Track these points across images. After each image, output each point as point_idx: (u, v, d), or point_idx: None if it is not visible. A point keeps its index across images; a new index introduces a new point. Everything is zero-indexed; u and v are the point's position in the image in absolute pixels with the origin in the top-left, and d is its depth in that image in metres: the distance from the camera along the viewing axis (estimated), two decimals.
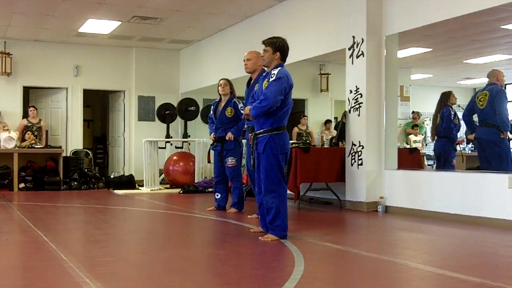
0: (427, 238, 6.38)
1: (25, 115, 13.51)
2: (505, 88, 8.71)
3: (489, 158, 8.50)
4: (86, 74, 14.43)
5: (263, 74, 5.94)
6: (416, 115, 14.94)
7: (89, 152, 14.74)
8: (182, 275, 4.28)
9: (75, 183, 12.71)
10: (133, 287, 3.94)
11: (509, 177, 6.76)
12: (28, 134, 12.84)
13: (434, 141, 10.01)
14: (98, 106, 17.03)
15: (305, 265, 4.45)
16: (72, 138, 14.37)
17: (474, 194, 7.14)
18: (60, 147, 13.27)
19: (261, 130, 5.72)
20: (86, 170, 13.35)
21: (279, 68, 5.66)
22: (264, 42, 5.83)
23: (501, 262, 4.97)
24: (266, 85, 5.63)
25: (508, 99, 8.86)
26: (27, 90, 14.26)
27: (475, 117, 8.99)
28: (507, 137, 8.78)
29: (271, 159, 5.65)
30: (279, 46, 5.76)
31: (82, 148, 14.45)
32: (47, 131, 13.54)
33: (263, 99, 5.54)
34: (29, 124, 13.11)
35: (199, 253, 5.43)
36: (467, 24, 9.77)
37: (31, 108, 13.34)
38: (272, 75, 5.59)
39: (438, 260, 5.08)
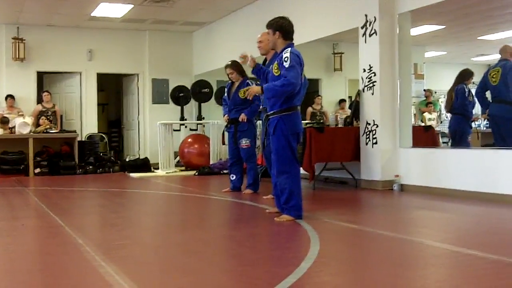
0: (443, 216, 6.36)
1: (39, 100, 13.57)
2: None
3: (503, 135, 8.45)
4: (100, 58, 14.46)
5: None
6: (428, 92, 14.83)
7: (104, 136, 14.80)
8: (198, 257, 4.30)
9: (91, 167, 12.77)
10: (149, 269, 3.96)
11: None
12: (43, 119, 12.90)
13: (449, 118, 9.95)
14: (112, 90, 17.06)
15: (320, 245, 4.46)
16: (87, 122, 14.43)
17: (490, 171, 7.10)
18: (74, 132, 13.33)
19: (272, 112, 5.71)
20: (101, 154, 13.42)
21: (289, 49, 5.61)
22: (266, 26, 5.81)
23: None
24: (276, 69, 5.60)
25: None
26: (41, 76, 14.31)
27: (488, 94, 8.92)
28: None
29: (282, 140, 5.63)
30: (277, 26, 5.71)
31: (97, 132, 14.51)
32: (61, 116, 13.60)
33: (287, 83, 5.44)
34: (43, 109, 13.17)
35: (215, 234, 5.45)
36: (480, 0, 9.66)
37: (45, 93, 13.39)
38: (286, 58, 5.53)
39: (454, 237, 5.07)
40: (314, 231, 5.05)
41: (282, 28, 5.71)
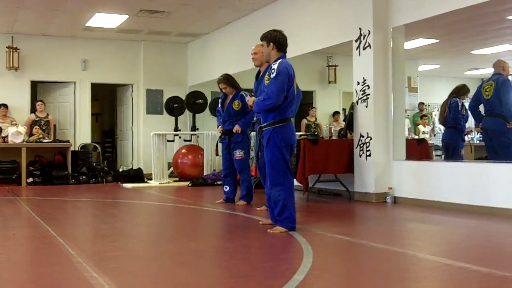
0: (436, 228, 6.37)
1: (33, 109, 13.54)
2: (510, 78, 8.68)
3: (496, 148, 8.48)
4: (94, 68, 14.45)
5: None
6: (422, 105, 14.91)
7: (98, 146, 14.77)
8: (191, 268, 4.28)
9: (84, 177, 12.74)
10: (141, 281, 3.94)
11: None
12: (36, 128, 12.87)
13: (442, 132, 9.98)
14: (106, 100, 17.06)
15: (314, 257, 4.45)
16: (81, 132, 14.40)
17: (482, 184, 7.12)
18: (68, 141, 13.32)
19: (265, 124, 5.74)
20: (94, 164, 13.38)
21: (280, 60, 5.65)
22: (260, 38, 5.86)
23: (510, 252, 4.95)
24: (267, 81, 5.64)
25: None
26: (35, 85, 14.29)
27: (481, 108, 8.96)
28: None
29: (275, 152, 5.65)
30: (271, 38, 5.78)
31: (90, 142, 14.48)
32: (55, 125, 13.58)
33: (266, 98, 5.58)
34: (37, 119, 13.14)
35: (208, 246, 5.43)
36: (473, 15, 9.72)
37: (39, 103, 13.37)
38: (273, 70, 5.59)
39: (446, 250, 5.07)
40: (308, 243, 5.04)
41: (276, 40, 5.76)
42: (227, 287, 3.78)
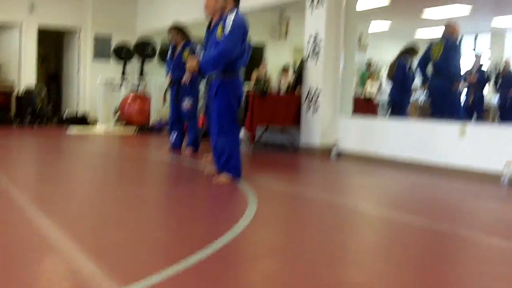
0: (378, 182, 6.51)
1: None
2: (460, 40, 8.81)
3: (442, 107, 8.65)
4: (41, 10, 14.00)
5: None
6: (369, 66, 15.04)
7: (43, 89, 14.44)
8: (135, 213, 4.29)
9: (28, 120, 12.49)
10: (85, 224, 3.93)
11: (460, 126, 6.92)
12: None
13: (389, 90, 10.13)
14: (52, 43, 16.62)
15: (258, 205, 4.50)
16: (25, 75, 14.03)
17: (426, 142, 7.29)
18: (12, 85, 12.97)
19: (213, 74, 5.70)
20: (39, 108, 13.12)
21: (234, 13, 5.57)
22: None
23: (449, 207, 5.12)
24: (220, 32, 5.56)
25: (462, 52, 8.97)
26: None
27: (429, 67, 9.10)
28: (459, 88, 8.93)
29: (223, 102, 5.64)
30: None
31: (35, 85, 14.14)
32: None
33: (222, 52, 5.41)
34: None
35: (153, 192, 5.45)
36: None
37: None
38: (228, 23, 5.49)
39: (388, 203, 5.20)
40: (252, 192, 5.10)
41: None
42: (172, 231, 3.81)
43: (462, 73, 9.12)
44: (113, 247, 3.28)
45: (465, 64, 10.20)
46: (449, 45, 8.61)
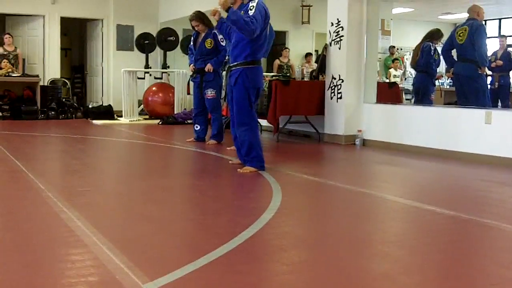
0: (404, 171, 6.47)
1: (1, 43, 13.24)
2: (484, 23, 8.67)
3: (467, 94, 8.54)
4: (64, 1, 14.09)
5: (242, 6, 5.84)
6: (393, 49, 14.90)
7: (67, 81, 14.56)
8: (161, 205, 4.32)
9: (53, 112, 12.60)
10: (111, 216, 3.97)
11: (486, 112, 6.85)
12: (4, 62, 12.61)
13: (413, 76, 10.03)
14: (76, 35, 16.73)
15: (283, 196, 4.51)
16: (50, 67, 14.15)
17: (451, 129, 7.22)
18: (37, 76, 13.09)
19: (235, 63, 5.69)
20: (64, 100, 13.22)
21: (256, 0, 5.54)
22: None
23: (476, 195, 5.07)
24: None
25: (487, 35, 8.84)
26: (3, 17, 13.94)
27: (454, 52, 8.99)
28: (485, 73, 8.82)
29: (242, 92, 5.64)
30: None
31: (59, 77, 14.27)
32: (24, 60, 13.32)
33: (250, 23, 5.33)
34: (5, 52, 12.85)
35: (178, 183, 5.47)
36: None
37: (7, 36, 13.04)
38: (251, 8, 5.48)
39: (413, 192, 5.17)
40: (277, 182, 5.10)
41: None
42: (196, 223, 3.83)
43: (487, 57, 8.99)
44: (139, 240, 3.30)
45: (490, 48, 10.02)
46: (473, 29, 8.48)
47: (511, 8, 13.94)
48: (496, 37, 13.65)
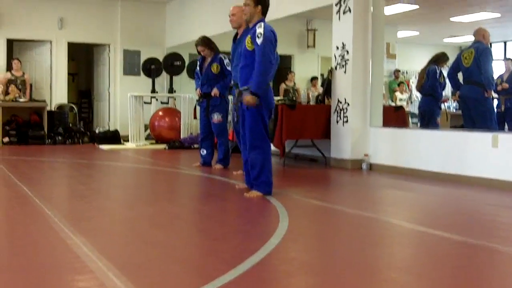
0: (410, 195, 6.45)
1: (9, 68, 13.34)
2: (490, 46, 8.68)
3: (473, 117, 8.54)
4: (71, 27, 14.23)
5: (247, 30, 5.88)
6: (397, 73, 14.94)
7: (74, 106, 14.63)
8: (168, 230, 4.31)
9: (60, 137, 12.65)
10: (117, 242, 3.96)
11: (492, 136, 6.82)
12: (12, 87, 12.70)
13: (419, 99, 10.03)
14: (83, 60, 16.86)
15: (289, 221, 4.49)
16: (57, 92, 14.24)
17: (458, 153, 7.19)
18: (44, 101, 13.16)
19: (246, 87, 5.68)
20: (70, 125, 13.29)
21: (262, 23, 5.57)
22: None
23: (483, 220, 5.04)
24: (250, 44, 5.57)
25: (493, 58, 8.85)
26: (11, 43, 14.06)
27: (460, 75, 9.00)
28: (491, 96, 8.82)
29: (256, 115, 5.63)
30: (260, 0, 5.68)
31: (66, 102, 14.34)
32: (31, 85, 13.41)
33: (264, 64, 5.44)
34: (12, 78, 12.94)
35: (184, 209, 5.46)
36: None
37: (15, 61, 13.14)
38: (259, 35, 5.50)
39: (420, 217, 5.15)
40: (283, 207, 5.08)
41: (264, 2, 5.67)
42: (203, 249, 3.82)
43: (493, 80, 8.99)
44: (145, 265, 3.29)
45: (496, 71, 10.03)
46: (479, 52, 8.50)
47: None
48: (502, 59, 13.65)
